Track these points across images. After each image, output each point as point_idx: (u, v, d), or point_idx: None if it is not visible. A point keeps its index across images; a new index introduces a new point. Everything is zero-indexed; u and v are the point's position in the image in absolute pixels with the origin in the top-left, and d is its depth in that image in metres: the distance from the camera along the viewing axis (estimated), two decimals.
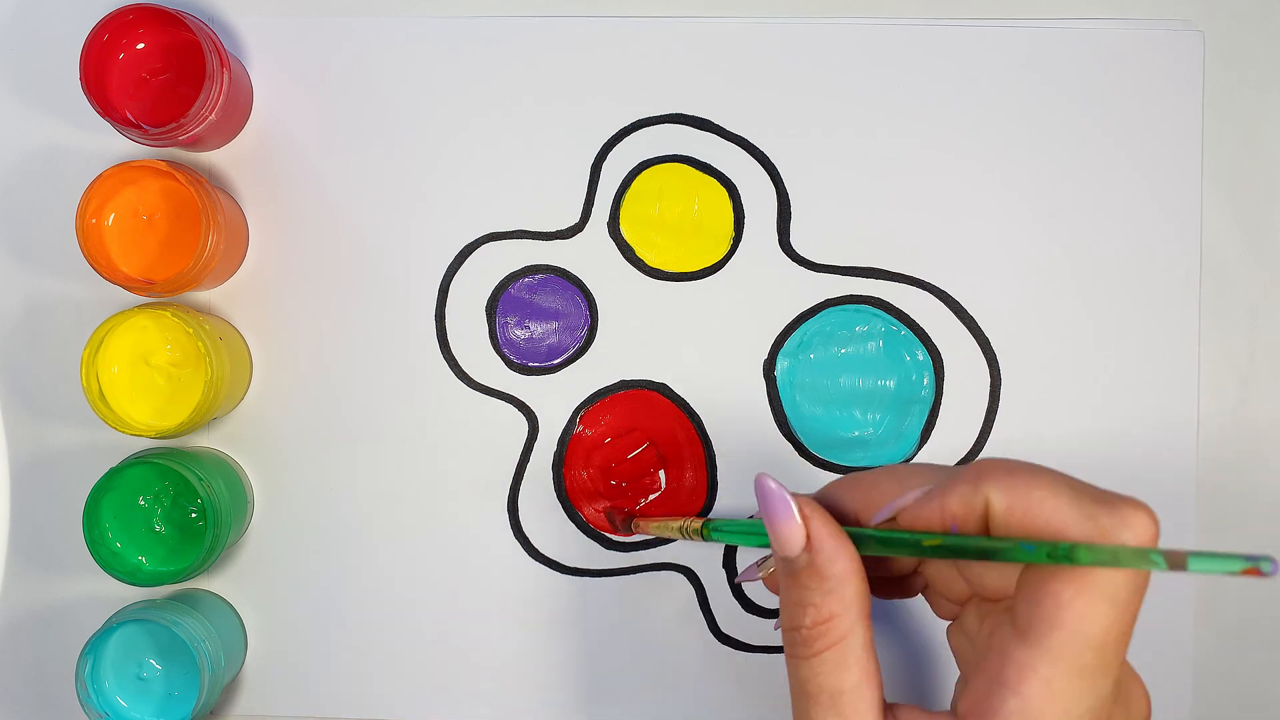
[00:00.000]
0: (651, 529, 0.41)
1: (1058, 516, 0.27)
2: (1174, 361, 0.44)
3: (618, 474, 0.44)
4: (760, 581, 0.38)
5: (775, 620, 0.44)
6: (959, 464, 0.44)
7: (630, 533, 0.43)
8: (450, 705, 0.44)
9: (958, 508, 0.29)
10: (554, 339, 0.44)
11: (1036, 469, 0.28)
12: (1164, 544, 0.42)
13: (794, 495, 0.31)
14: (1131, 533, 0.27)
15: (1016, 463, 0.29)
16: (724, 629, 0.44)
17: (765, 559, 0.36)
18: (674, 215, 0.44)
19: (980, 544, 0.28)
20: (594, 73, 0.44)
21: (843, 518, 0.32)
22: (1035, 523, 0.27)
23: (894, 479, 0.31)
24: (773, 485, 0.31)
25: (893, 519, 0.31)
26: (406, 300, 0.44)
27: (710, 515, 0.38)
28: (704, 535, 0.37)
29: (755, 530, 0.33)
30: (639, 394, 0.44)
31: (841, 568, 0.30)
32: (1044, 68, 0.44)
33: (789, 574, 0.32)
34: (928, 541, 0.29)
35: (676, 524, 0.39)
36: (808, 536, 0.31)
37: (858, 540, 0.31)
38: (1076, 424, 0.44)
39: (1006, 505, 0.28)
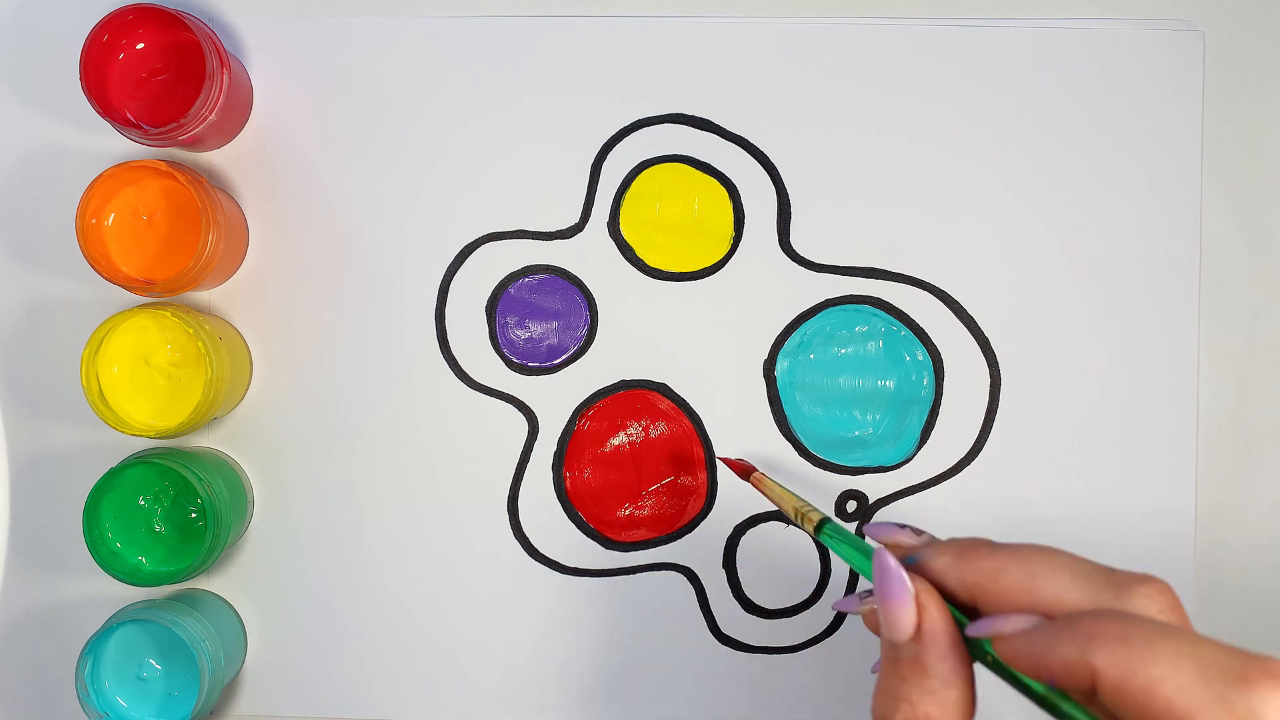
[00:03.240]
0: (769, 488, 0.39)
1: (1181, 698, 0.23)
2: (1174, 361, 0.44)
3: (618, 474, 0.44)
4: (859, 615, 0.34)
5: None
6: (960, 463, 0.44)
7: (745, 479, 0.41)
8: (450, 705, 0.44)
9: (1057, 668, 0.25)
10: (554, 339, 0.44)
11: (1155, 634, 0.24)
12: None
13: (914, 577, 0.28)
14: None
15: (1133, 625, 0.24)
16: (724, 629, 0.44)
17: (868, 594, 0.30)
18: (674, 215, 0.44)
19: None
20: (594, 73, 0.44)
21: (954, 591, 0.28)
22: (1153, 705, 0.23)
23: (1025, 569, 0.27)
24: (892, 564, 0.28)
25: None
26: (406, 300, 0.44)
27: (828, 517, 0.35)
28: (815, 531, 0.34)
29: (869, 554, 0.30)
30: (639, 394, 0.44)
31: (949, 668, 0.27)
32: (1044, 68, 0.44)
33: (891, 659, 0.28)
34: (1035, 685, 0.26)
35: (794, 502, 0.37)
36: (919, 626, 0.28)
37: (971, 648, 0.27)
38: (1076, 424, 0.44)
39: (1118, 681, 0.24)
